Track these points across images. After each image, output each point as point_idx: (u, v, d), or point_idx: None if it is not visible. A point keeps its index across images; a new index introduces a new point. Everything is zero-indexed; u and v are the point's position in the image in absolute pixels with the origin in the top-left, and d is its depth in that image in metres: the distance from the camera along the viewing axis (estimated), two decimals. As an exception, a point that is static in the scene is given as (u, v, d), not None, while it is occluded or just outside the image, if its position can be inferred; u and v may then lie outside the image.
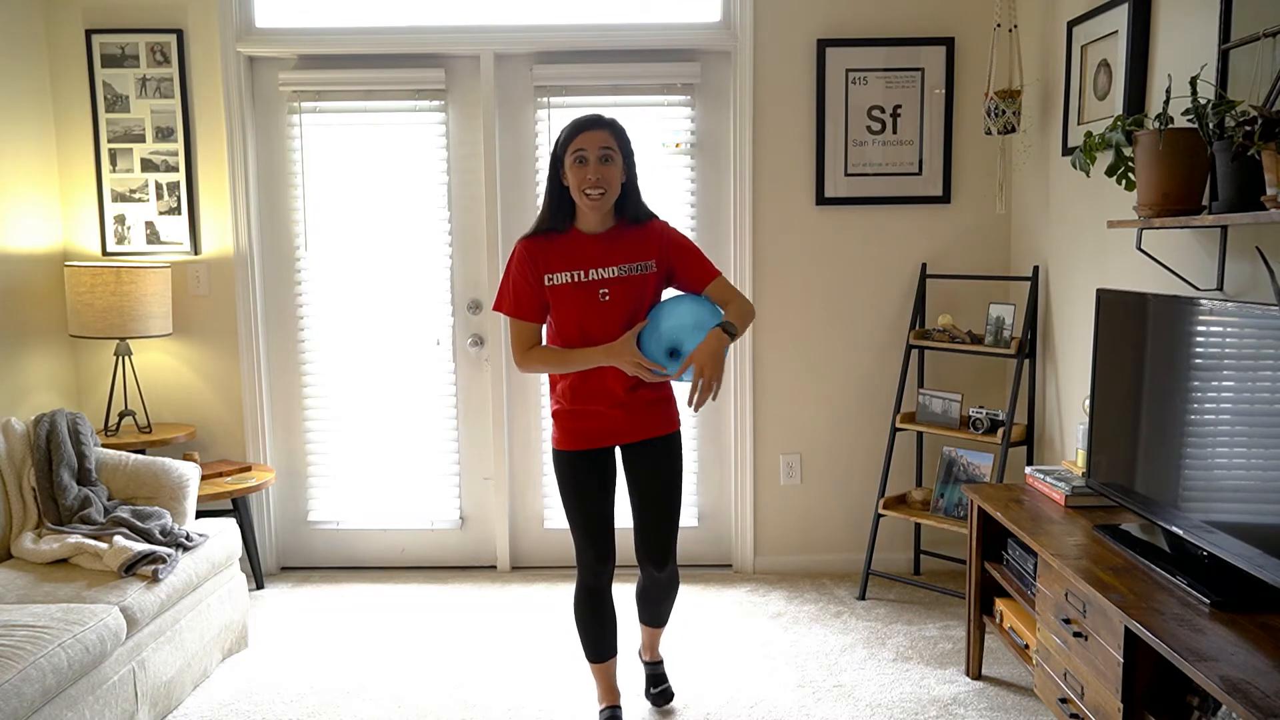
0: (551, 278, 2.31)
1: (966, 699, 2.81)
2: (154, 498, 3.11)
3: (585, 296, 2.30)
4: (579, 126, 2.27)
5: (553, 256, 2.32)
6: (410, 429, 3.92)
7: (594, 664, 2.60)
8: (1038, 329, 3.46)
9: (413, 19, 3.70)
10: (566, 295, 2.31)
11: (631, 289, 2.32)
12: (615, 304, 2.30)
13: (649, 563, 2.52)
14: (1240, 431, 1.98)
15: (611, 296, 2.30)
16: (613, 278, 2.30)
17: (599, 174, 2.24)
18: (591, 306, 2.30)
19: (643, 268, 2.34)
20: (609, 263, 2.31)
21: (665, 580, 2.56)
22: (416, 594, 3.69)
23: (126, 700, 2.54)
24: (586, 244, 2.32)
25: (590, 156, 2.24)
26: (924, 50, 3.63)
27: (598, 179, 2.24)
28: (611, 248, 2.33)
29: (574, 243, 2.33)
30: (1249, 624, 1.87)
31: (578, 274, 2.30)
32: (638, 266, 2.33)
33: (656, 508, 2.48)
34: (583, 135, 2.25)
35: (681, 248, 2.42)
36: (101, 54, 3.68)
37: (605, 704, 2.64)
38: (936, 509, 3.51)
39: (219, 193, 3.75)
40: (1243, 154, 2.04)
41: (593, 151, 2.24)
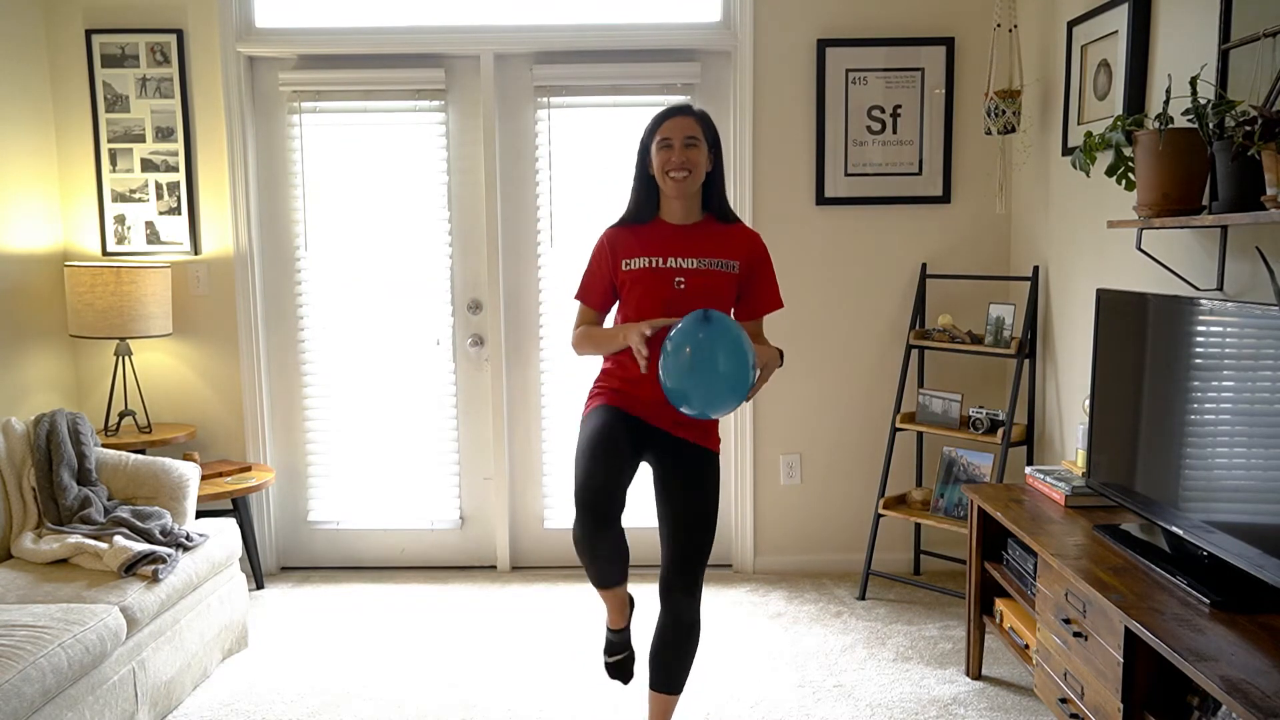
0: (629, 263, 2.27)
1: (966, 699, 2.81)
2: (154, 498, 3.11)
3: (660, 283, 2.23)
4: (665, 114, 2.26)
5: (633, 243, 2.29)
6: (410, 429, 3.92)
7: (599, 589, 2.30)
8: (1038, 329, 3.46)
9: (413, 19, 3.70)
10: (641, 280, 2.25)
11: (709, 283, 2.24)
12: (690, 295, 2.23)
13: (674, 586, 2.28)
14: (1240, 431, 1.98)
15: (687, 286, 2.23)
16: (692, 269, 2.24)
17: (684, 157, 2.22)
18: (664, 294, 2.23)
19: (725, 265, 2.26)
20: (690, 254, 2.25)
21: (689, 621, 2.31)
22: (416, 594, 3.69)
23: (126, 700, 2.54)
24: (669, 232, 2.29)
25: (675, 141, 2.22)
26: (924, 50, 3.63)
27: (682, 161, 2.22)
28: (695, 240, 2.27)
29: (656, 230, 2.29)
30: (1249, 624, 1.87)
31: (655, 260, 2.25)
32: (720, 263, 2.26)
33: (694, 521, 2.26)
34: (669, 122, 2.24)
35: (764, 262, 2.35)
36: (101, 54, 3.68)
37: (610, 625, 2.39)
38: (936, 509, 3.51)
39: (219, 193, 3.75)
40: (1243, 154, 2.04)
41: (678, 137, 2.22)
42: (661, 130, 2.25)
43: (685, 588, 2.27)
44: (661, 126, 2.25)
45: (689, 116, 2.26)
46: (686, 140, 2.23)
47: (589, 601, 3.58)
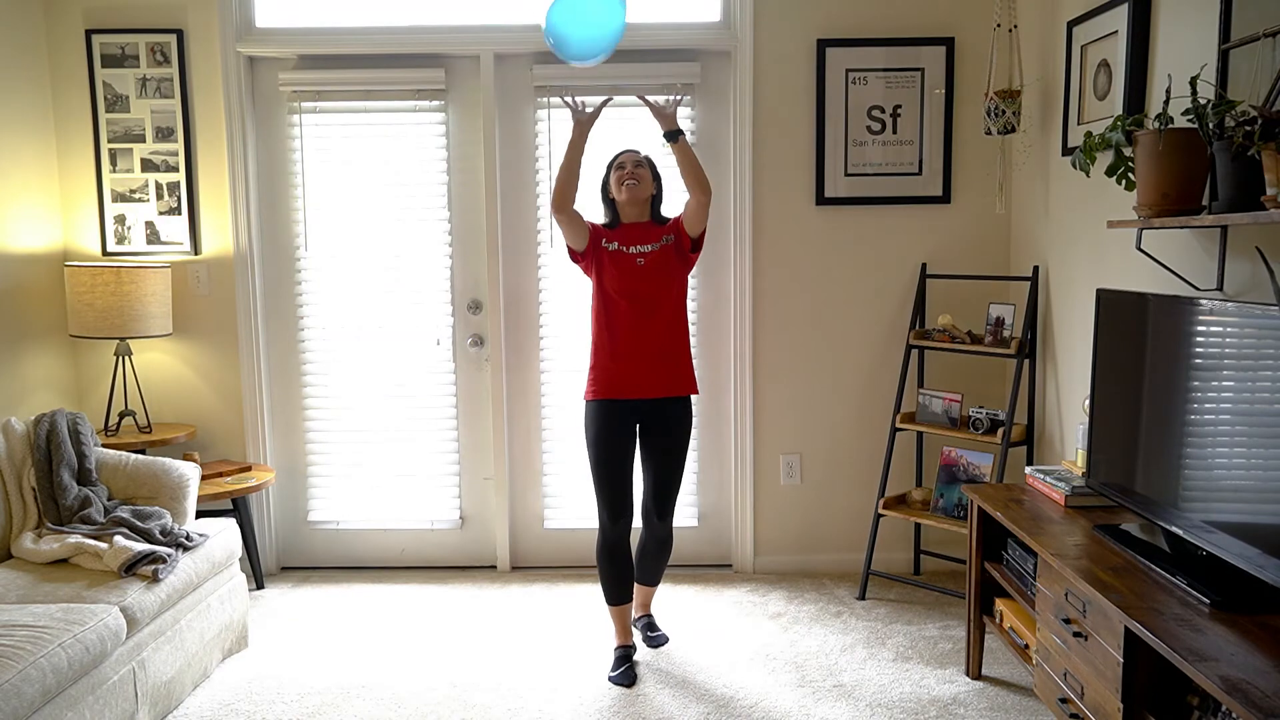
0: (608, 243, 3.05)
1: (966, 699, 2.81)
2: (154, 498, 3.11)
3: (627, 261, 3.02)
4: (619, 153, 3.11)
5: (611, 234, 3.09)
6: (410, 429, 3.92)
7: (611, 606, 3.10)
8: (1038, 329, 3.46)
9: (413, 19, 3.70)
10: (614, 258, 3.02)
11: (660, 257, 3.02)
12: (648, 268, 3.01)
13: (654, 515, 3.11)
14: (1240, 431, 1.98)
15: (646, 263, 3.01)
16: (647, 251, 3.03)
17: (633, 172, 3.03)
18: (631, 269, 3.01)
19: (666, 240, 3.05)
20: (645, 241, 3.04)
21: (662, 537, 3.15)
22: (416, 594, 3.69)
23: (126, 700, 2.54)
24: (629, 229, 3.08)
25: (628, 164, 3.05)
26: (924, 50, 3.63)
27: (632, 173, 3.03)
28: (647, 233, 3.07)
29: (622, 229, 3.09)
30: (1249, 624, 1.87)
31: (624, 246, 3.04)
32: (664, 240, 3.05)
33: (669, 465, 3.06)
34: (622, 155, 3.09)
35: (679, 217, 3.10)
36: (101, 54, 3.68)
37: (620, 642, 3.10)
38: (936, 509, 3.51)
39: (219, 193, 3.75)
40: (1243, 154, 2.04)
41: (629, 162, 3.06)
42: (617, 159, 3.09)
43: (663, 513, 3.11)
44: (617, 158, 3.09)
45: (636, 153, 3.10)
46: (635, 164, 3.06)
47: (589, 601, 3.58)
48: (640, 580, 3.23)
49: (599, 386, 3.02)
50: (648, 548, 3.17)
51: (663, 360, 3.01)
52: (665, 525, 3.12)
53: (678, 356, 3.04)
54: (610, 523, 3.02)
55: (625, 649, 3.08)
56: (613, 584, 3.07)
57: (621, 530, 3.03)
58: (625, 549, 3.06)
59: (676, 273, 3.05)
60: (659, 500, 3.09)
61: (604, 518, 3.02)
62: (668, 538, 3.15)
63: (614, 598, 3.09)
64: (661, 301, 3.00)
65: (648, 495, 3.11)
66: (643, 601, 3.29)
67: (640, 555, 3.19)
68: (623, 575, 3.07)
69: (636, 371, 3.00)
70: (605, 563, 3.06)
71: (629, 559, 3.08)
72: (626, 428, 3.02)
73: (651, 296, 3.00)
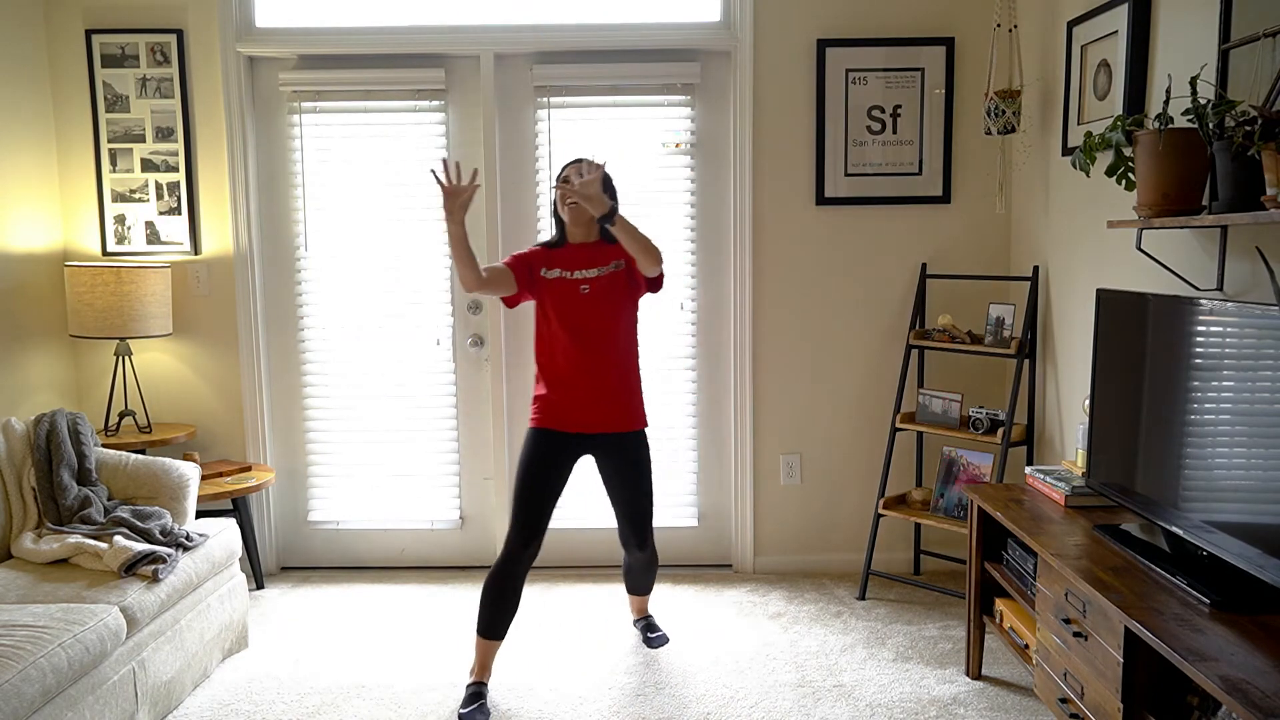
0: (547, 272, 2.83)
1: (966, 699, 2.81)
2: (154, 498, 3.11)
3: (569, 289, 2.81)
4: (568, 164, 2.86)
5: (550, 259, 2.86)
6: (410, 429, 3.92)
7: (480, 638, 2.81)
8: (1038, 329, 3.46)
9: (413, 19, 3.70)
10: (555, 286, 2.82)
11: (607, 284, 2.81)
12: (593, 295, 2.80)
13: (633, 545, 2.99)
14: (1240, 431, 1.98)
15: (591, 290, 2.81)
16: (593, 276, 2.81)
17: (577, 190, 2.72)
18: (574, 297, 2.80)
19: (616, 265, 2.84)
20: (591, 265, 2.83)
21: (646, 559, 3.08)
22: (416, 594, 3.69)
23: (126, 700, 2.54)
24: (575, 251, 2.86)
25: (572, 178, 2.72)
26: (924, 50, 3.63)
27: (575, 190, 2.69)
28: (593, 255, 2.85)
29: (566, 251, 2.87)
30: (1249, 624, 1.87)
31: (566, 272, 2.82)
32: (613, 265, 2.84)
33: (639, 497, 2.91)
34: (569, 167, 2.84)
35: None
36: (101, 54, 3.68)
37: (475, 677, 2.85)
38: (936, 509, 3.51)
39: (219, 193, 3.75)
40: (1243, 154, 2.04)
41: (573, 175, 2.76)
42: (564, 172, 2.84)
43: (641, 543, 2.99)
44: (563, 172, 2.85)
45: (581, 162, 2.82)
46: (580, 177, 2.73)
47: (589, 601, 3.58)
48: (633, 591, 3.23)
49: (544, 415, 2.83)
50: (633, 567, 3.13)
51: (610, 394, 2.81)
52: (647, 547, 3.01)
53: (627, 390, 2.85)
54: (517, 547, 2.74)
55: (479, 686, 2.81)
56: (493, 616, 2.77)
57: (525, 561, 2.76)
58: (518, 585, 2.77)
59: (625, 300, 2.83)
60: (636, 532, 2.94)
61: (512, 541, 2.75)
62: (653, 555, 3.09)
63: (488, 630, 2.79)
64: (608, 332, 2.79)
65: (624, 528, 2.95)
66: (638, 607, 3.29)
67: (627, 572, 3.17)
68: (506, 611, 2.77)
69: (583, 405, 2.81)
70: (492, 592, 2.76)
71: (517, 597, 2.78)
72: (563, 458, 2.81)
73: (597, 328, 2.78)
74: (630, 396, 2.87)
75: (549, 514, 2.79)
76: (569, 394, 2.81)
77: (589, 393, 2.81)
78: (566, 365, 2.80)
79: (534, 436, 2.83)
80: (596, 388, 2.81)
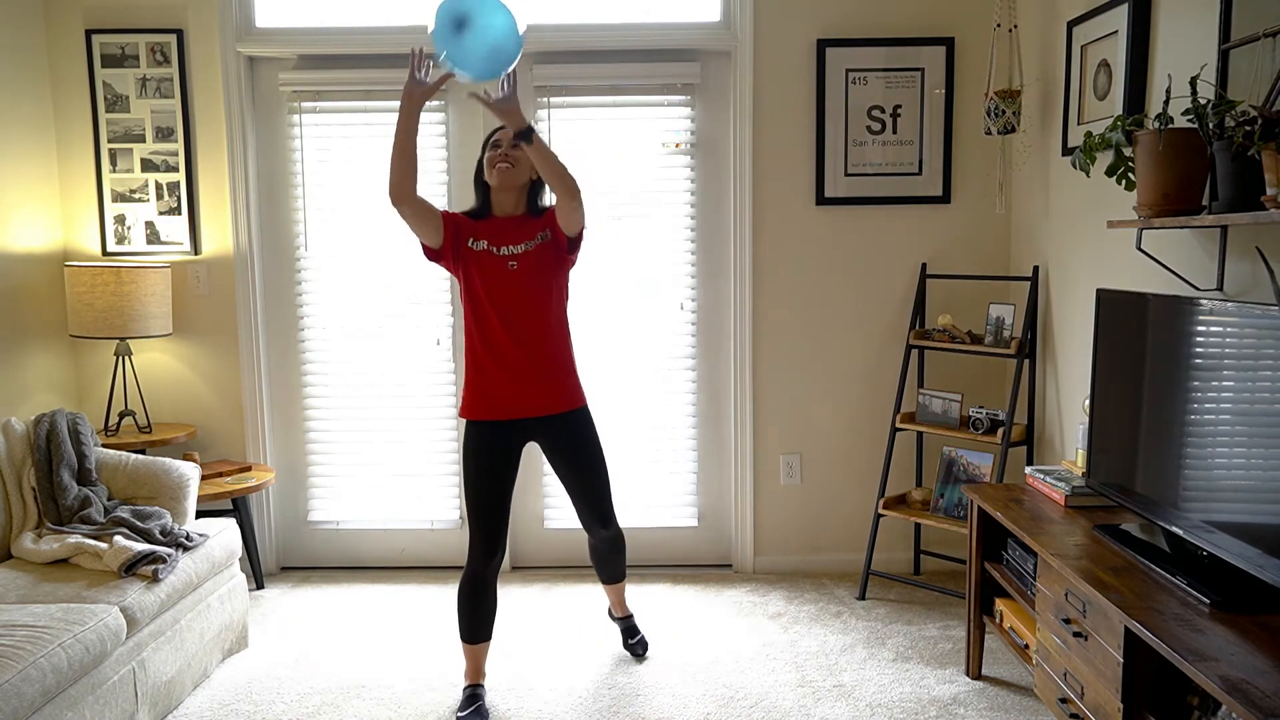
0: (474, 242, 2.70)
1: (966, 699, 2.81)
2: (154, 498, 3.11)
3: (497, 264, 2.68)
4: (496, 129, 2.77)
5: (477, 229, 2.73)
6: (410, 429, 3.92)
7: (466, 644, 2.80)
8: (1038, 329, 3.46)
9: (413, 19, 3.70)
10: (480, 259, 2.69)
11: (535, 258, 2.70)
12: (522, 271, 2.69)
13: (595, 525, 2.90)
14: (1240, 431, 1.98)
15: (519, 266, 2.69)
16: (519, 252, 2.69)
17: (508, 153, 2.69)
18: (501, 272, 2.68)
19: (542, 237, 2.73)
20: (518, 240, 2.71)
21: (611, 538, 2.96)
22: (416, 594, 3.69)
23: (126, 700, 2.54)
24: (501, 225, 2.73)
25: (503, 142, 2.70)
26: (924, 50, 3.63)
27: (506, 154, 2.68)
28: (520, 229, 2.73)
29: (492, 224, 2.75)
30: (1249, 624, 1.87)
31: (494, 247, 2.70)
32: (539, 237, 2.72)
33: (590, 476, 2.83)
34: (499, 133, 2.75)
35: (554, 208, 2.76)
36: (101, 54, 3.68)
37: (469, 680, 2.83)
38: (936, 509, 3.51)
39: (219, 193, 3.75)
40: (1243, 154, 2.04)
41: (505, 141, 2.71)
42: (493, 137, 2.74)
43: (604, 522, 2.89)
44: (492, 136, 2.75)
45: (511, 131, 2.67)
46: (512, 143, 2.70)
47: (589, 601, 3.58)
48: (605, 580, 3.08)
49: (476, 405, 2.70)
50: (599, 551, 2.99)
51: (545, 375, 2.71)
52: (611, 527, 2.91)
53: (562, 369, 2.74)
54: (482, 558, 2.69)
55: (475, 688, 2.80)
56: (473, 621, 2.75)
57: (494, 569, 2.71)
58: (493, 586, 2.75)
59: (555, 275, 2.72)
60: (596, 512, 2.86)
61: (476, 552, 2.69)
62: (617, 537, 2.96)
63: (472, 635, 2.77)
64: (539, 310, 2.68)
65: (582, 511, 2.87)
66: (616, 602, 3.13)
67: (597, 559, 3.03)
68: (487, 612, 2.75)
69: (517, 388, 2.69)
70: (469, 597, 2.72)
71: (494, 596, 2.76)
72: (509, 452, 2.72)
73: (527, 305, 2.67)
74: (566, 375, 2.76)
75: (507, 515, 2.72)
76: (501, 378, 2.68)
77: (523, 375, 2.69)
78: (497, 346, 2.68)
79: (473, 433, 2.71)
80: (530, 369, 2.69)
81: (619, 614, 3.17)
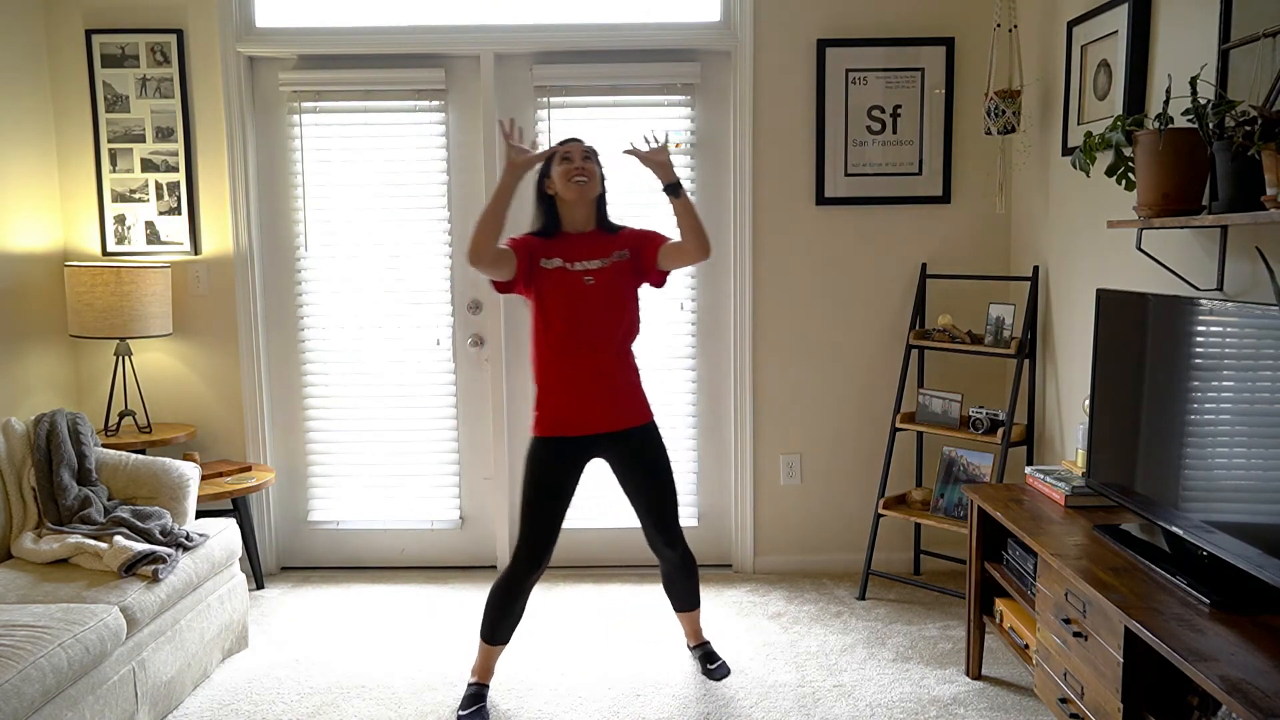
0: (546, 262, 2.67)
1: (966, 699, 2.81)
2: (154, 498, 3.11)
3: (572, 280, 2.65)
4: (561, 142, 2.72)
5: (549, 248, 2.69)
6: (410, 429, 3.92)
7: (484, 643, 2.79)
8: (1038, 329, 3.46)
9: (413, 19, 3.70)
10: (555, 277, 2.65)
11: (611, 276, 2.68)
12: (597, 287, 2.66)
13: (660, 545, 2.82)
14: (1240, 431, 1.98)
15: (595, 282, 2.66)
16: (596, 268, 2.67)
17: (583, 166, 2.65)
18: (577, 289, 2.65)
19: (619, 255, 2.71)
20: (593, 256, 2.68)
21: (680, 559, 2.87)
22: (416, 594, 3.69)
23: (126, 700, 2.54)
24: (574, 240, 2.71)
25: (575, 156, 2.66)
26: (924, 50, 3.63)
27: (581, 168, 2.64)
28: (595, 244, 2.71)
29: (564, 241, 2.71)
30: (1249, 624, 1.87)
31: (567, 263, 2.66)
32: (617, 255, 2.71)
33: (658, 493, 2.77)
34: (566, 145, 2.70)
35: (642, 233, 2.78)
36: (101, 54, 3.68)
37: (476, 679, 2.83)
38: (936, 509, 3.51)
39: (219, 193, 3.75)
40: (1243, 154, 2.04)
41: (577, 154, 2.67)
42: (561, 150, 2.68)
43: (671, 541, 2.82)
44: (562, 147, 2.69)
45: (581, 143, 2.71)
46: (584, 154, 2.68)
47: (589, 601, 3.58)
48: (678, 607, 3.00)
49: (547, 423, 2.67)
50: (670, 576, 2.92)
51: (616, 391, 2.69)
52: (678, 550, 2.84)
53: (630, 384, 2.73)
54: (526, 568, 2.67)
55: (481, 688, 2.80)
56: (499, 623, 2.74)
57: (533, 578, 2.70)
58: (525, 597, 2.73)
59: (630, 293, 2.71)
60: (664, 530, 2.79)
61: (520, 561, 2.66)
62: (687, 556, 2.88)
63: (493, 636, 2.75)
64: (613, 326, 2.66)
65: (648, 528, 2.81)
66: (692, 630, 3.05)
67: (668, 584, 2.95)
68: (514, 617, 2.74)
69: (589, 405, 2.67)
70: (501, 598, 2.71)
71: (525, 604, 2.75)
72: (572, 469, 2.70)
73: (601, 322, 2.65)
74: (635, 390, 2.75)
75: (558, 531, 2.69)
76: (573, 395, 2.66)
77: (595, 392, 2.66)
78: (570, 364, 2.65)
79: (540, 449, 2.67)
80: (603, 386, 2.67)
81: (694, 642, 3.06)
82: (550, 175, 2.70)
